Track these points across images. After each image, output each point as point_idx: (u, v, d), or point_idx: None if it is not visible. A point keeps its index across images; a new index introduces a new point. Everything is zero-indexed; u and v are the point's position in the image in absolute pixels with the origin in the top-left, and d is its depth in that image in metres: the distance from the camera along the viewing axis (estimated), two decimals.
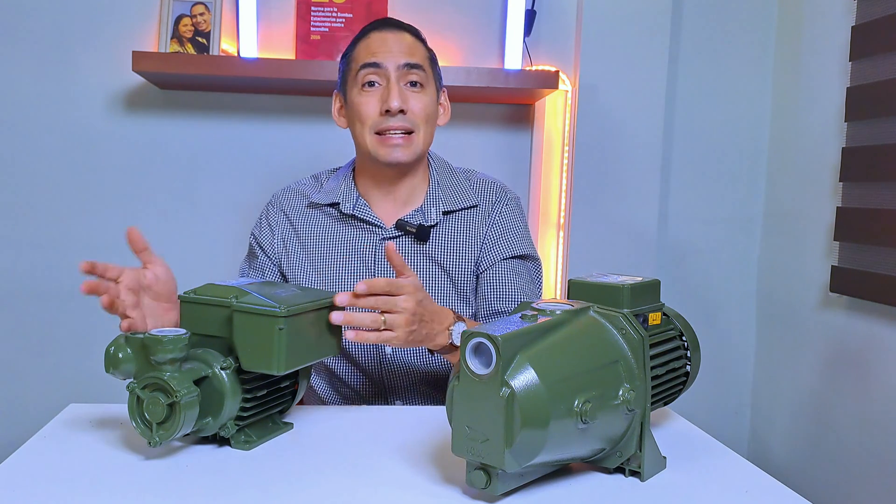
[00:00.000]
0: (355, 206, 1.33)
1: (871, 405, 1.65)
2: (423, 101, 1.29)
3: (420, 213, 1.34)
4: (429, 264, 1.32)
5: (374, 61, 1.27)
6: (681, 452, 0.97)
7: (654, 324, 0.95)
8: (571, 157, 1.99)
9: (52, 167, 1.97)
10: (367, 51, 1.29)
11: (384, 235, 1.32)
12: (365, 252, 1.32)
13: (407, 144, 1.27)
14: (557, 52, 2.03)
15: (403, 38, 1.30)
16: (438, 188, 1.35)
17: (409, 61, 1.28)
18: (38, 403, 1.98)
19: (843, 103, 1.74)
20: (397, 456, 0.94)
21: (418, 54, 1.30)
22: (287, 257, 1.36)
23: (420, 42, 1.33)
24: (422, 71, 1.29)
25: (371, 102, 1.27)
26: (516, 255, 1.35)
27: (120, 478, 0.85)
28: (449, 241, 1.33)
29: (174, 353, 0.88)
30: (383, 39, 1.29)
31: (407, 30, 1.33)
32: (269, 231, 1.38)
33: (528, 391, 0.76)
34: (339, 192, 1.35)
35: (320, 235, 1.35)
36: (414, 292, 1.03)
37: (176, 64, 1.78)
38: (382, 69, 1.27)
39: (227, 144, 2.01)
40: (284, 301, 0.93)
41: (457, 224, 1.34)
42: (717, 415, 2.16)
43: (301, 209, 1.38)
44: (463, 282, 1.33)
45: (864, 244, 1.65)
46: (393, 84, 1.26)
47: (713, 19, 2.09)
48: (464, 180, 1.39)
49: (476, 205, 1.36)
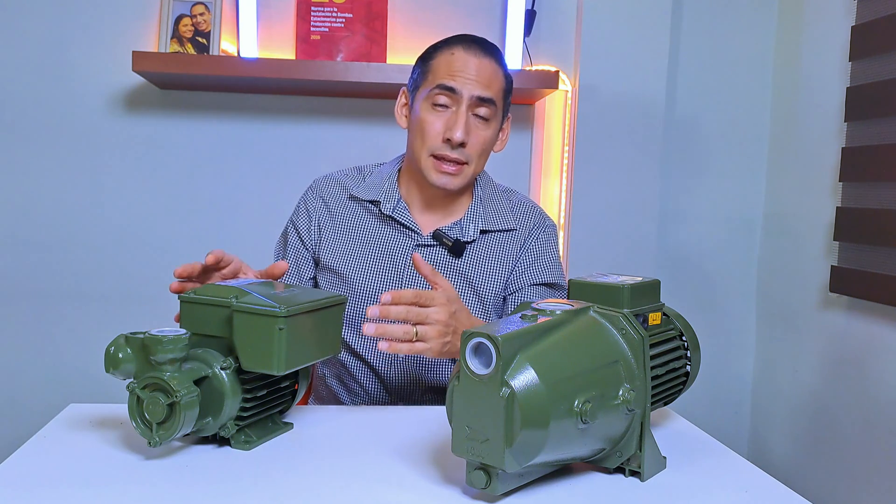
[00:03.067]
0: (395, 207, 1.33)
1: (871, 405, 1.65)
2: (485, 136, 1.28)
3: (458, 226, 1.34)
4: (458, 279, 1.32)
5: (451, 86, 1.24)
6: (681, 452, 0.97)
7: (654, 324, 0.95)
8: (571, 157, 1.99)
9: (52, 167, 1.97)
10: (447, 69, 1.26)
11: (420, 242, 1.32)
12: (397, 254, 1.32)
13: (458, 174, 1.27)
14: (557, 52, 2.03)
15: (486, 66, 1.26)
16: (480, 205, 1.36)
17: (483, 95, 1.25)
18: (38, 403, 1.98)
19: (843, 103, 1.74)
20: (397, 456, 0.94)
21: (495, 86, 1.27)
22: (321, 242, 1.36)
23: (501, 70, 1.29)
24: (493, 105, 1.27)
25: (437, 124, 1.26)
26: (544, 283, 1.35)
27: (120, 478, 0.85)
28: (482, 259, 1.33)
29: (174, 353, 0.88)
30: (466, 62, 1.25)
31: (492, 55, 1.28)
32: (307, 216, 1.38)
33: (528, 391, 0.76)
34: (381, 189, 1.35)
35: (357, 229, 1.35)
36: (447, 304, 1.03)
37: (176, 64, 1.78)
38: (457, 95, 1.25)
39: (227, 144, 2.01)
40: (284, 301, 0.93)
41: (492, 244, 1.35)
42: (717, 415, 2.16)
43: (342, 199, 1.37)
44: (490, 302, 1.33)
45: (863, 244, 1.65)
46: (462, 114, 1.24)
47: (713, 19, 2.09)
48: (505, 201, 1.39)
49: (514, 228, 1.36)
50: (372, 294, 1.31)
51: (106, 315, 2.01)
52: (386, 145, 1.97)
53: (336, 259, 1.34)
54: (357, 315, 1.31)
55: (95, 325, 2.01)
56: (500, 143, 1.36)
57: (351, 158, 1.92)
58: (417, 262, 1.06)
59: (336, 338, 1.04)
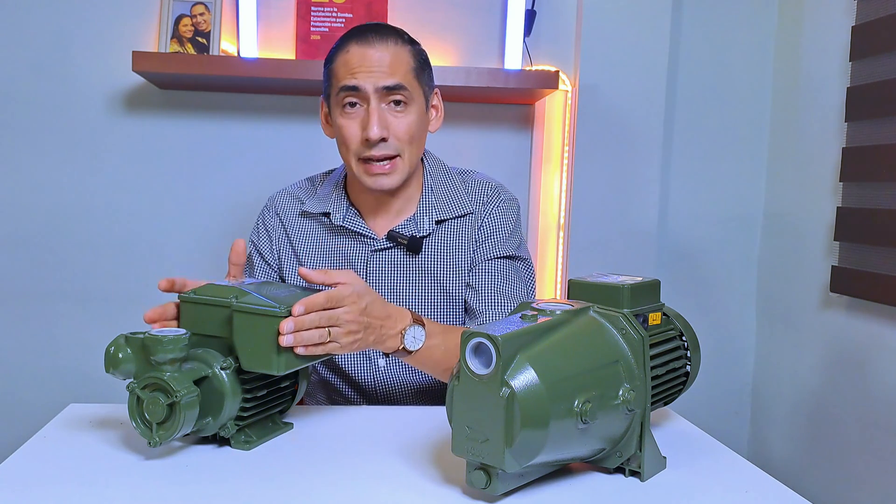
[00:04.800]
0: (345, 216, 1.31)
1: (871, 405, 1.65)
2: (407, 122, 1.23)
3: (412, 222, 1.31)
4: (420, 275, 1.30)
5: (352, 84, 1.20)
6: (681, 452, 0.97)
7: (654, 324, 0.95)
8: (571, 157, 1.99)
9: (52, 167, 1.97)
10: (345, 69, 1.21)
11: (375, 247, 1.30)
12: (356, 263, 1.31)
13: (392, 171, 1.23)
14: (557, 52, 2.03)
15: (384, 52, 1.21)
16: (432, 194, 1.32)
17: (388, 84, 1.20)
18: (38, 403, 1.98)
19: (843, 103, 1.74)
20: (397, 456, 0.94)
21: (400, 70, 1.21)
22: (283, 263, 1.35)
23: (404, 50, 1.24)
24: (405, 90, 1.21)
25: (352, 126, 1.22)
26: (503, 256, 1.31)
27: (120, 478, 0.85)
28: (442, 251, 1.30)
29: (174, 353, 0.88)
30: (363, 56, 1.20)
31: (389, 38, 1.23)
32: (267, 235, 1.37)
33: (528, 391, 0.76)
34: (330, 200, 1.32)
35: (312, 245, 1.34)
36: (356, 300, 1.00)
37: (176, 64, 1.78)
38: (361, 92, 1.20)
39: (227, 144, 2.01)
40: (284, 301, 0.93)
41: (449, 232, 1.31)
42: (717, 415, 2.16)
43: (294, 216, 1.36)
44: (456, 291, 1.30)
45: (864, 244, 1.65)
46: (373, 110, 1.20)
47: (713, 19, 2.09)
48: (459, 183, 1.35)
49: (471, 212, 1.32)
50: None
51: (106, 315, 2.01)
52: None
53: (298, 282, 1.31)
54: None
55: (95, 325, 2.01)
56: (436, 120, 1.32)
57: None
58: (302, 274, 1.01)
59: None
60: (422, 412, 1.13)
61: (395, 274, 1.30)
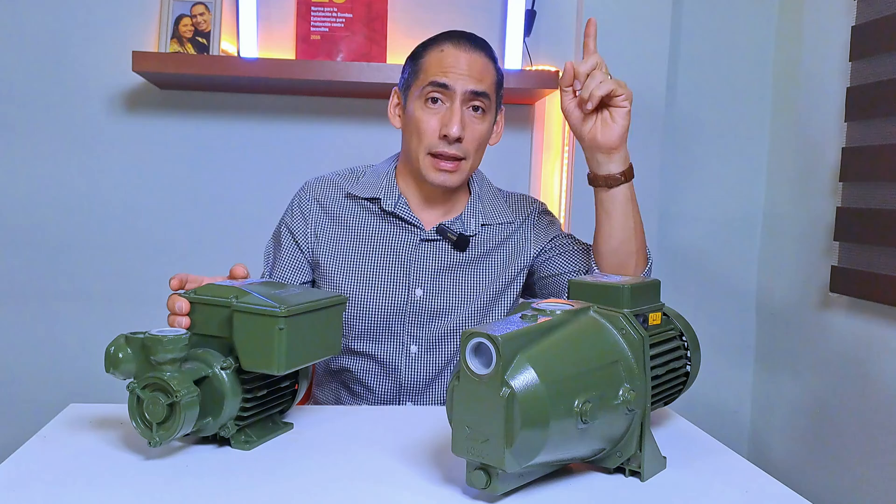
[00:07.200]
0: (397, 204, 1.33)
1: (870, 405, 1.65)
2: (481, 129, 1.28)
3: (460, 221, 1.35)
4: (462, 273, 1.33)
5: (444, 82, 1.24)
6: (681, 452, 0.97)
7: (654, 324, 0.95)
8: (571, 157, 1.99)
9: (52, 167, 1.97)
10: (438, 66, 1.26)
11: (423, 237, 1.33)
12: (400, 250, 1.33)
13: (456, 171, 1.28)
14: (557, 52, 2.03)
15: (477, 59, 1.27)
16: (479, 201, 1.37)
17: (476, 89, 1.25)
18: (38, 403, 1.98)
19: (843, 103, 1.74)
20: (397, 456, 0.94)
21: (487, 80, 1.28)
22: (320, 245, 1.35)
23: (492, 63, 1.30)
24: (486, 98, 1.27)
25: (432, 121, 1.26)
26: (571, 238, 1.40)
27: (120, 478, 0.85)
28: (484, 252, 1.35)
29: (174, 353, 0.88)
30: (457, 57, 1.26)
31: (482, 49, 1.29)
32: (302, 217, 1.37)
33: (528, 391, 0.76)
34: (379, 187, 1.35)
35: (357, 228, 1.35)
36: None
37: (176, 64, 1.78)
38: (450, 90, 1.25)
39: (227, 144, 2.01)
40: (284, 301, 0.93)
41: (493, 237, 1.36)
42: (717, 415, 2.16)
43: (338, 199, 1.37)
44: (492, 295, 1.34)
45: (864, 244, 1.65)
46: (456, 109, 1.25)
47: (713, 19, 2.09)
48: (501, 197, 1.42)
49: (511, 221, 1.38)
50: (378, 292, 1.31)
51: (106, 315, 2.01)
52: (385, 145, 1.96)
53: (338, 259, 1.33)
54: (363, 315, 1.31)
55: (95, 325, 2.01)
56: (496, 136, 1.37)
57: (350, 158, 1.93)
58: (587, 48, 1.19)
59: (336, 338, 1.04)
60: (421, 412, 1.13)
61: (439, 266, 1.33)
